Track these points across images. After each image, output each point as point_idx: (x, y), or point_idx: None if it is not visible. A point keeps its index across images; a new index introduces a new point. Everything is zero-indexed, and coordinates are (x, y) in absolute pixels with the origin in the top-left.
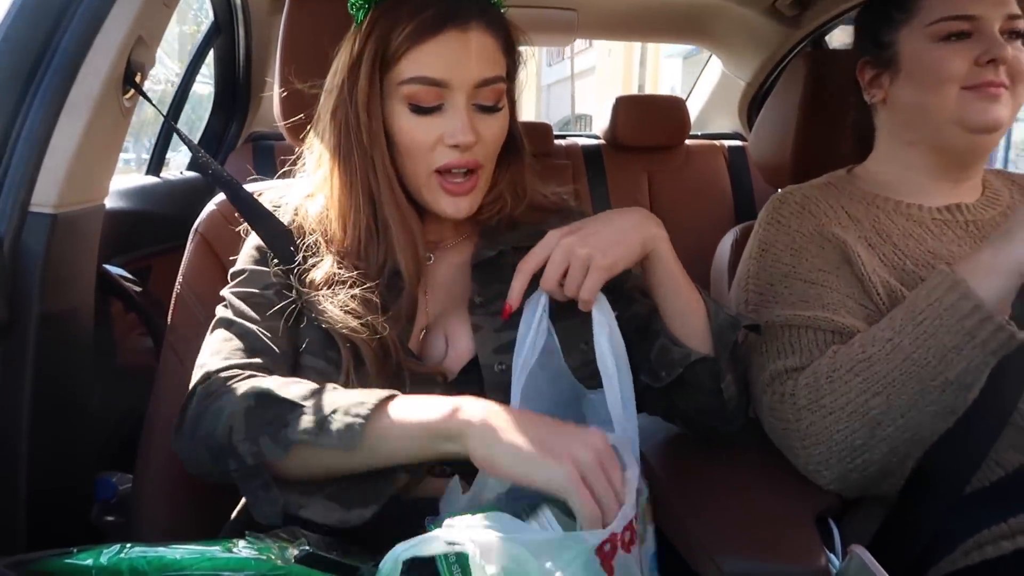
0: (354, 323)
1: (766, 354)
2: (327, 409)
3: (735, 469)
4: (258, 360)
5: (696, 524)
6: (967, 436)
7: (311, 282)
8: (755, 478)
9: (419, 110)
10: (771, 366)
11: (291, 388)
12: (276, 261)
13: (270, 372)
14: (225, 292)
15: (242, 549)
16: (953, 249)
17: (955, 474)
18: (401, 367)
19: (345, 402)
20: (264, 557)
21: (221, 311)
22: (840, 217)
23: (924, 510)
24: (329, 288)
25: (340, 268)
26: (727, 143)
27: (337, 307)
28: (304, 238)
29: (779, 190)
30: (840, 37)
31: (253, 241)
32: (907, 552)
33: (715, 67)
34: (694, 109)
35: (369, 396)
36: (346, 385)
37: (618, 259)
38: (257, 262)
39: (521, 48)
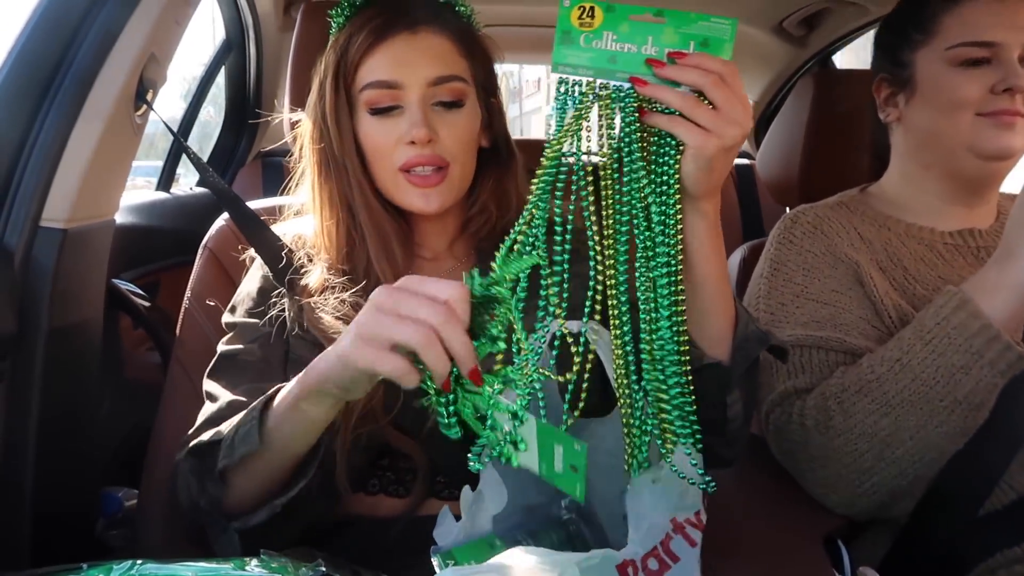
0: (343, 328)
1: (775, 374)
2: (232, 430)
3: (743, 488)
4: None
5: (704, 544)
6: (980, 459)
7: (304, 289)
8: (764, 498)
9: (378, 112)
10: (780, 386)
11: (212, 431)
12: (274, 295)
13: None
14: (220, 347)
15: (255, 568)
16: (964, 275)
17: (968, 497)
18: None
19: (242, 416)
20: None
21: (209, 377)
22: (853, 238)
23: (936, 533)
24: (321, 295)
25: (330, 274)
26: (735, 161)
27: (329, 313)
28: (299, 254)
29: (788, 209)
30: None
31: (248, 286)
32: (918, 575)
33: None
34: None
35: (258, 400)
36: None
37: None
38: (249, 311)
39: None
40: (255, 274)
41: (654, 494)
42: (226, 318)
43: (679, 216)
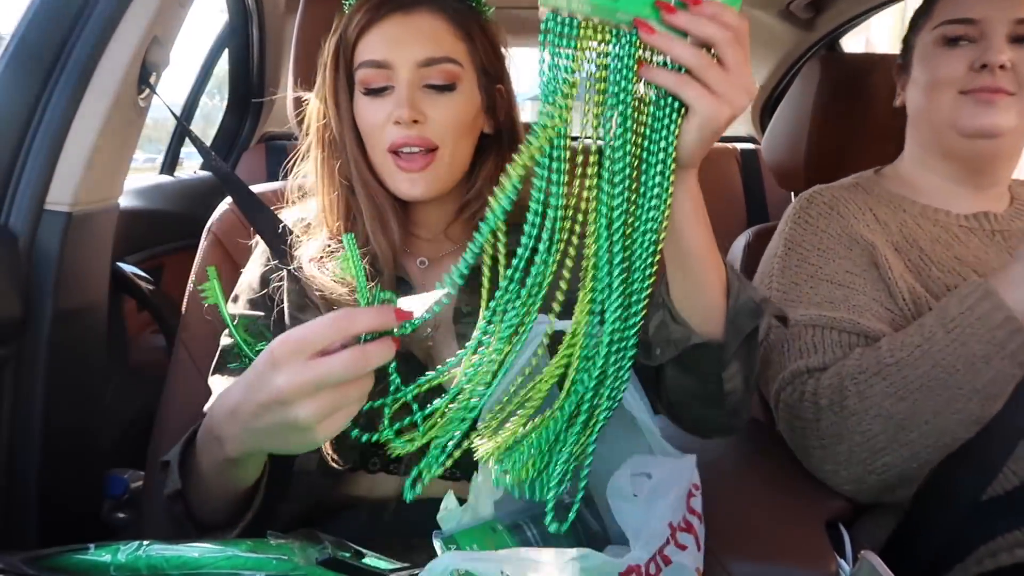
0: (343, 290)
1: (787, 353)
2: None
3: (745, 472)
4: None
5: (705, 527)
6: (985, 445)
7: (303, 255)
8: (765, 482)
9: (371, 92)
10: (792, 365)
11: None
12: (274, 277)
13: None
14: (223, 340)
15: (262, 549)
16: (980, 256)
17: (971, 483)
18: None
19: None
20: (285, 558)
21: (213, 373)
22: (868, 220)
23: (938, 518)
24: (320, 260)
25: (331, 240)
26: (740, 146)
27: (328, 276)
28: (298, 232)
29: (794, 195)
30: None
31: (248, 276)
32: (919, 559)
33: None
34: None
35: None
36: None
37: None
38: (250, 301)
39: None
40: (255, 262)
41: (648, 505)
42: (229, 308)
43: (671, 189)
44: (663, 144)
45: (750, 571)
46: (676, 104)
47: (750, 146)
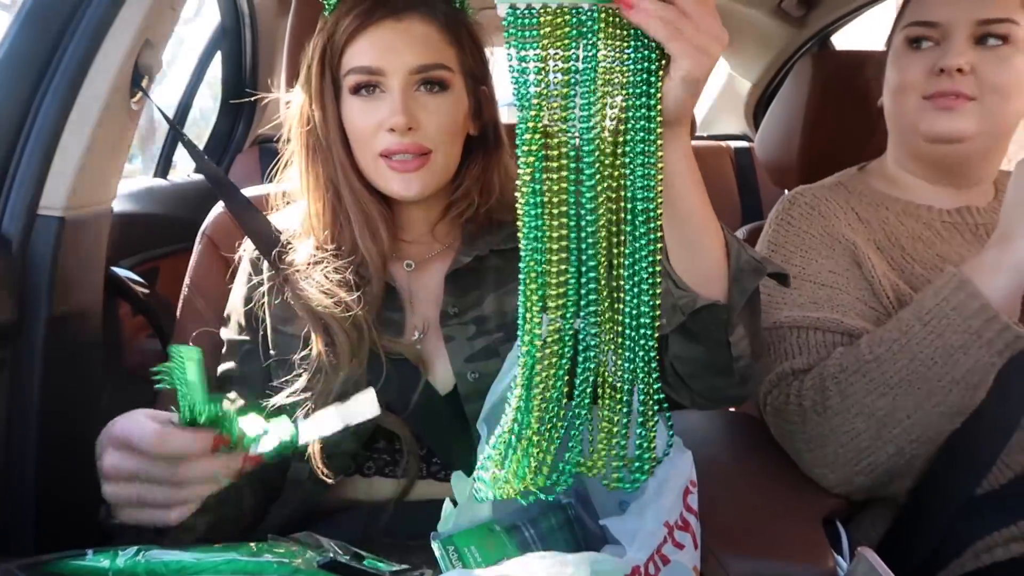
0: (327, 301)
1: (773, 356)
2: None
3: (742, 470)
4: None
5: (702, 525)
6: (977, 439)
7: (291, 263)
8: (762, 479)
9: (362, 98)
10: (778, 368)
11: None
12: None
13: None
14: (223, 365)
15: (263, 553)
16: (962, 252)
17: (965, 477)
18: (376, 346)
19: None
20: (286, 561)
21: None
22: (850, 219)
23: (934, 513)
24: (307, 269)
25: (317, 250)
26: (733, 144)
27: (314, 287)
28: (287, 236)
29: (787, 191)
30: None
31: (234, 298)
32: (915, 554)
33: (721, 68)
34: (700, 110)
35: None
36: (317, 373)
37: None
38: (238, 324)
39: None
40: (240, 280)
41: (642, 508)
42: (221, 332)
43: (660, 149)
44: (644, 110)
45: (747, 568)
46: (652, 67)
47: (744, 144)
